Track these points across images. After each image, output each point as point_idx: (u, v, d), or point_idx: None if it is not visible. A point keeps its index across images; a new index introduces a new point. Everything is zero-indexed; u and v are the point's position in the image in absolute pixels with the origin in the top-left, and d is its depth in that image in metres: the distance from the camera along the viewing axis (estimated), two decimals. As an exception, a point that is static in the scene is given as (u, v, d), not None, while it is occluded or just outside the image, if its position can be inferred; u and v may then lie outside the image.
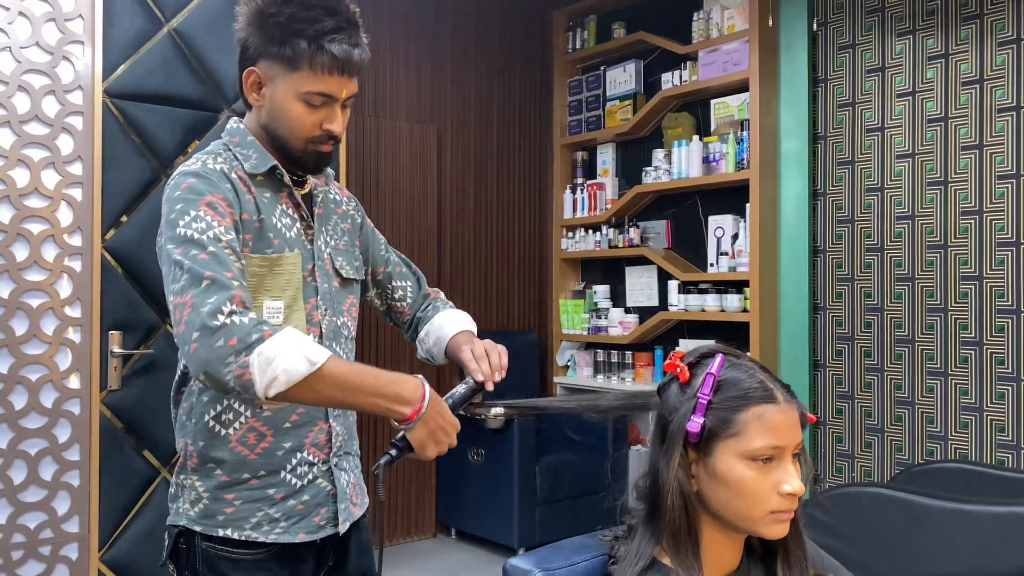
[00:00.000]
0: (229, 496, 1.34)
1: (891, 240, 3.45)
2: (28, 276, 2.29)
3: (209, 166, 1.31)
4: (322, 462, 1.40)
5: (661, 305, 4.23)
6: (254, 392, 1.13)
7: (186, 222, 1.22)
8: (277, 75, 1.31)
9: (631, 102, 4.36)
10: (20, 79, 2.28)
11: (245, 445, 1.34)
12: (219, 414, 1.34)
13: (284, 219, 1.37)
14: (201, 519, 1.35)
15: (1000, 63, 3.14)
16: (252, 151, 1.36)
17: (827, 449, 3.66)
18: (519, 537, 3.85)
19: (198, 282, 1.17)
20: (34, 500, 2.29)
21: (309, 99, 1.30)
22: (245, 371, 1.12)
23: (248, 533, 1.33)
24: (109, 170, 2.39)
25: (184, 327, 1.16)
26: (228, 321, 1.14)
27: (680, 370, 1.09)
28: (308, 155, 1.35)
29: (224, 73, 2.59)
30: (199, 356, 1.14)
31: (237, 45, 1.35)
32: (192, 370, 1.17)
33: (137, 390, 2.44)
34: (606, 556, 1.19)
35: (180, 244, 1.21)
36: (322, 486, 1.39)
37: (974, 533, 2.19)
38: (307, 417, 1.37)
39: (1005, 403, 3.12)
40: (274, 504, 1.35)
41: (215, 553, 1.34)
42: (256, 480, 1.34)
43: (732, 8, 3.84)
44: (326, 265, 1.43)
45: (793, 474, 1.03)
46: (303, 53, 1.27)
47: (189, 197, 1.25)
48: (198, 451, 1.35)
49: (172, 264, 1.21)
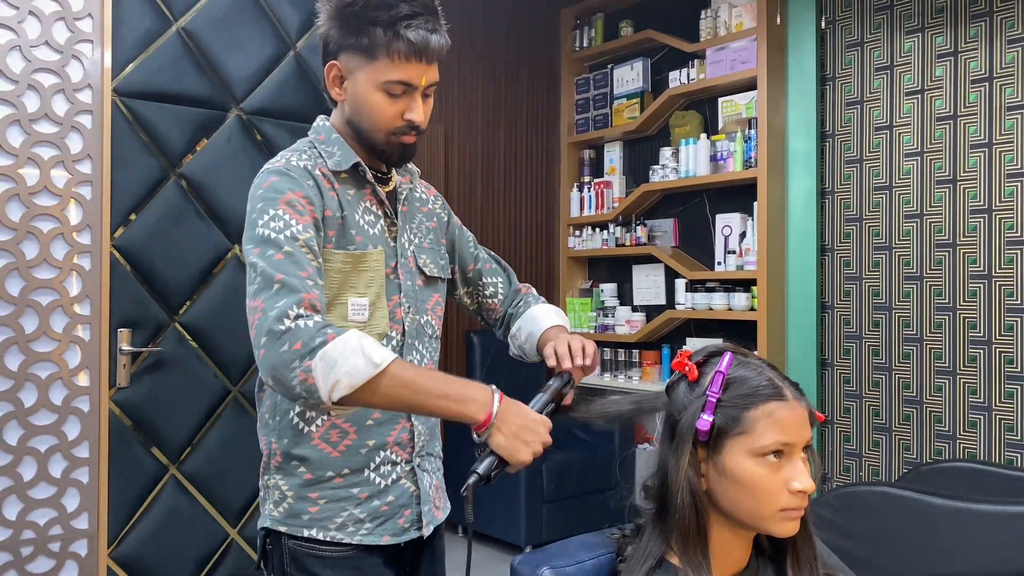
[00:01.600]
0: (313, 495, 1.33)
1: (899, 239, 3.43)
2: (37, 274, 2.30)
3: (293, 163, 1.30)
4: (405, 462, 1.38)
5: (668, 304, 4.23)
6: (319, 396, 1.12)
7: (264, 221, 1.22)
8: (356, 67, 1.30)
9: (638, 100, 4.36)
10: (30, 78, 2.29)
11: (328, 442, 1.32)
12: (303, 411, 1.33)
13: (367, 216, 1.36)
14: (286, 519, 1.34)
15: (1010, 61, 3.13)
16: (336, 148, 1.36)
17: (835, 448, 3.65)
18: (526, 535, 3.85)
19: (269, 285, 1.17)
20: (44, 496, 2.31)
21: (389, 88, 1.29)
22: (309, 375, 1.11)
23: (333, 534, 1.32)
24: (118, 168, 2.40)
25: (255, 332, 1.16)
26: (293, 325, 1.13)
27: (689, 369, 1.09)
28: (392, 147, 1.34)
29: (232, 72, 2.60)
30: (267, 361, 1.13)
31: (319, 41, 1.35)
32: (262, 375, 1.16)
33: (146, 388, 2.45)
34: (614, 554, 1.19)
35: (258, 244, 1.21)
36: (406, 487, 1.38)
37: (983, 533, 2.18)
38: (389, 415, 1.35)
39: (1014, 402, 3.11)
40: (359, 504, 1.33)
41: (302, 551, 1.32)
42: (340, 479, 1.33)
43: (740, 6, 3.83)
44: (409, 263, 1.42)
45: (803, 471, 1.03)
46: (380, 41, 1.26)
47: (269, 196, 1.25)
48: (282, 449, 1.34)
49: (249, 265, 1.21)
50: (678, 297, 4.07)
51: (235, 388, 2.59)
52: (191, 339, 2.52)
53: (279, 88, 2.68)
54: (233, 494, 2.58)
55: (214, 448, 2.55)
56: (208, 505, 2.54)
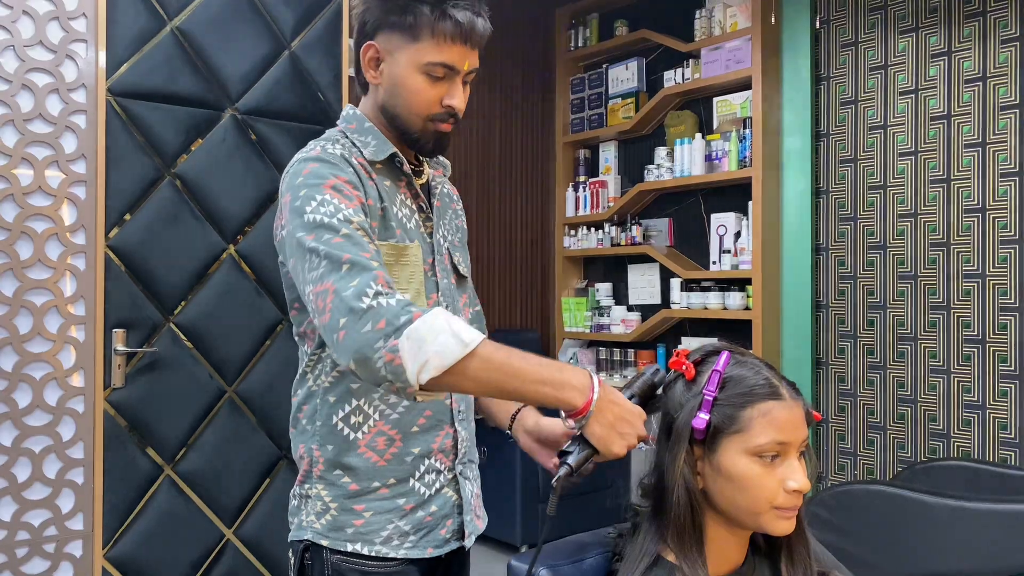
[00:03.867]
0: (358, 507, 1.26)
1: (894, 238, 3.44)
2: (32, 274, 2.30)
3: (329, 150, 1.23)
4: (448, 469, 1.32)
5: (663, 303, 4.23)
6: (406, 379, 1.02)
7: (313, 207, 1.14)
8: (397, 47, 1.24)
9: (633, 100, 4.36)
10: (24, 77, 2.28)
11: (375, 451, 1.26)
12: (348, 415, 1.26)
13: (404, 209, 1.30)
14: (329, 532, 1.26)
15: (1003, 60, 3.14)
16: (371, 137, 1.29)
17: (829, 447, 3.66)
18: (522, 535, 3.86)
19: (338, 266, 1.08)
20: (38, 497, 2.30)
21: (430, 71, 1.23)
22: (395, 355, 1.02)
23: (379, 548, 1.25)
24: (112, 168, 2.40)
25: (329, 315, 1.06)
26: (375, 303, 1.04)
27: (686, 368, 1.09)
28: (427, 134, 1.28)
29: (227, 71, 2.59)
30: (349, 343, 1.04)
31: (354, 23, 1.29)
32: (342, 360, 1.07)
33: (141, 388, 2.44)
34: (610, 553, 1.19)
35: (311, 230, 1.12)
36: (448, 496, 1.32)
37: (977, 531, 2.19)
38: (434, 421, 1.30)
39: (1008, 401, 3.12)
40: (404, 516, 1.27)
41: (347, 567, 1.25)
42: (386, 489, 1.26)
43: (735, 6, 3.83)
44: (444, 259, 1.36)
45: (798, 470, 1.03)
46: (425, 19, 1.21)
47: (312, 182, 1.17)
48: (326, 457, 1.27)
49: (306, 252, 1.12)
50: (673, 296, 4.08)
51: (230, 389, 2.59)
52: (186, 339, 2.51)
53: (274, 88, 2.67)
54: (228, 495, 2.58)
55: (209, 449, 2.54)
56: (203, 506, 2.53)
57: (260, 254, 2.63)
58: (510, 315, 4.73)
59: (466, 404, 1.39)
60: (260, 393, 2.62)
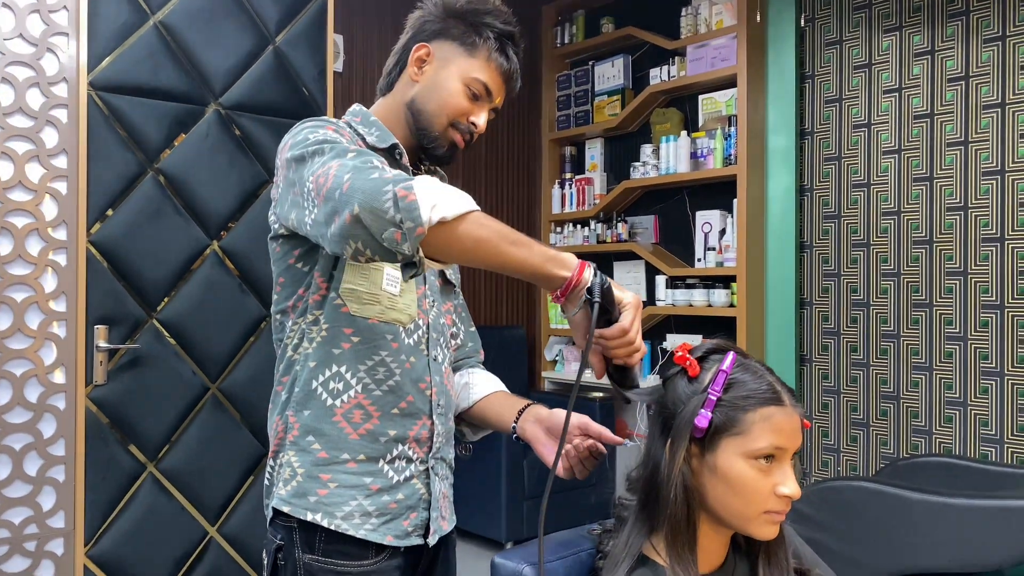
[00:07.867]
0: (324, 476, 1.28)
1: (877, 236, 3.47)
2: (12, 270, 2.27)
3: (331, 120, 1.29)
4: (420, 461, 1.34)
5: (649, 300, 4.24)
6: (418, 215, 1.00)
7: (315, 137, 1.19)
8: (451, 55, 1.35)
9: (619, 97, 4.37)
10: (4, 71, 2.26)
11: (350, 422, 1.28)
12: (327, 380, 1.28)
13: None
14: (292, 498, 1.28)
15: (985, 60, 3.16)
16: (374, 128, 1.36)
17: (813, 443, 3.68)
18: (507, 532, 3.86)
19: (343, 153, 1.11)
20: (19, 495, 2.28)
21: (473, 85, 1.34)
22: (409, 192, 1.00)
23: (338, 523, 1.26)
24: (94, 163, 2.37)
25: (332, 179, 1.06)
26: (379, 165, 1.07)
27: (690, 364, 1.09)
28: (444, 139, 1.37)
29: (211, 66, 2.57)
30: (354, 189, 1.02)
31: (412, 23, 1.39)
32: (347, 208, 1.02)
33: (123, 385, 2.42)
34: (594, 550, 1.19)
35: (314, 144, 1.16)
36: (416, 488, 1.33)
37: (958, 526, 2.21)
38: (414, 408, 1.32)
39: (989, 398, 3.15)
40: (369, 495, 1.28)
41: (319, 567, 1.26)
42: (354, 464, 1.28)
43: (720, 4, 3.84)
44: None
45: (791, 477, 1.04)
46: (488, 45, 1.34)
47: (312, 124, 1.23)
48: (301, 423, 1.29)
49: (311, 155, 1.14)
50: (658, 293, 4.09)
51: (213, 385, 2.57)
52: (169, 336, 2.49)
53: (258, 83, 2.65)
54: (212, 492, 2.56)
55: (192, 446, 2.53)
56: (186, 503, 2.52)
57: (244, 250, 2.61)
58: (496, 312, 4.73)
59: (446, 399, 1.39)
60: (244, 390, 2.61)
